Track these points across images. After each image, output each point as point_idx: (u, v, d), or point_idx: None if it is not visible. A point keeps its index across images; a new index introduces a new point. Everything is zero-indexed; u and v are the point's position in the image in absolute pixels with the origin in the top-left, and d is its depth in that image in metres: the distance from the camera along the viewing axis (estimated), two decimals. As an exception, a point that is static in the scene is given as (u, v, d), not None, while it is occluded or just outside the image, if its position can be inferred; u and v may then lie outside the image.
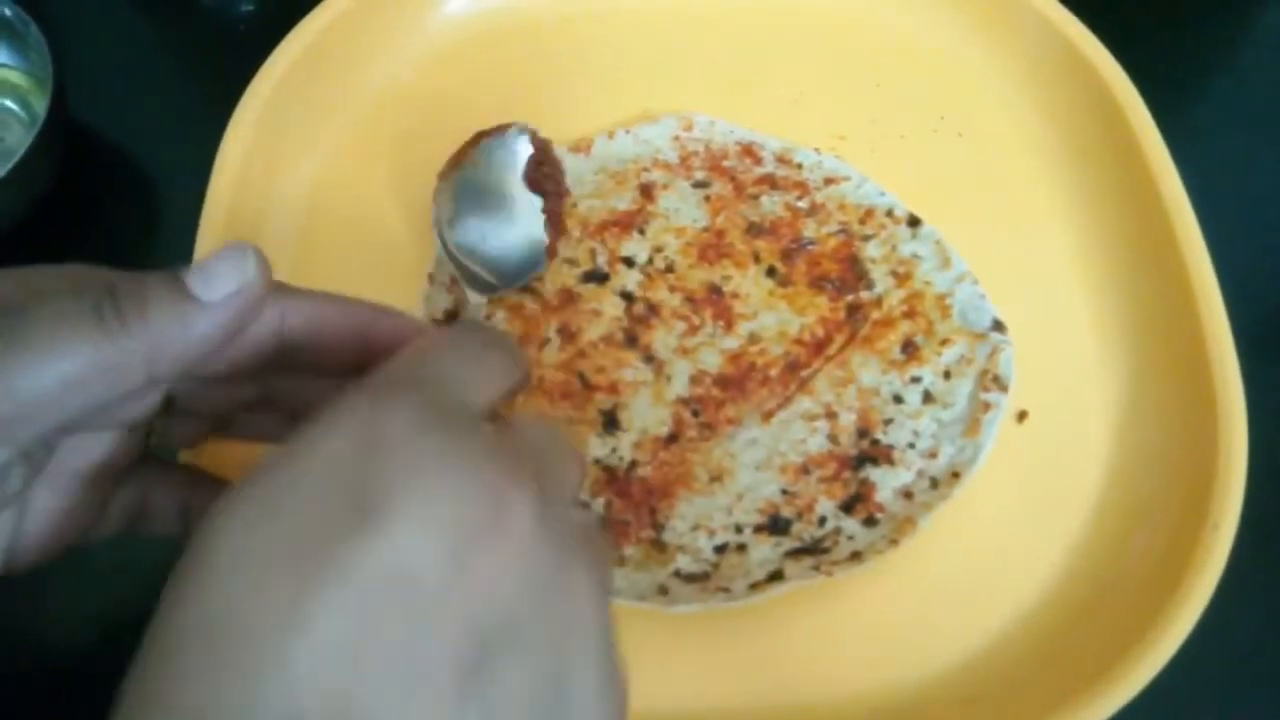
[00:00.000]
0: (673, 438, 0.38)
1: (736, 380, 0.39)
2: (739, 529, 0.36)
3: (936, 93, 0.45)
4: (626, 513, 0.37)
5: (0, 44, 0.45)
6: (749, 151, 0.43)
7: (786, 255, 0.41)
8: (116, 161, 0.47)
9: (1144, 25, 0.50)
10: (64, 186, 0.45)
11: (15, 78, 0.46)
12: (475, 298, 0.39)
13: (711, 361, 0.39)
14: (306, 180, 0.43)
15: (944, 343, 0.40)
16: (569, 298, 0.40)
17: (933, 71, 0.46)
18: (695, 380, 0.39)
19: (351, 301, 0.30)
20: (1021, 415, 0.39)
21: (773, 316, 0.40)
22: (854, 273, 0.41)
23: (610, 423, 0.38)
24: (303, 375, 0.29)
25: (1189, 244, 0.39)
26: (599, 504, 0.37)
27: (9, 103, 0.46)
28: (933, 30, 0.46)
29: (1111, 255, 0.42)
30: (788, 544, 0.36)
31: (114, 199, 0.46)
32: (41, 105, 0.42)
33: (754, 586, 0.35)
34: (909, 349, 0.40)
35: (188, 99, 0.49)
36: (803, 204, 0.42)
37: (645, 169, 0.43)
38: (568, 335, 0.40)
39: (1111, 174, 0.42)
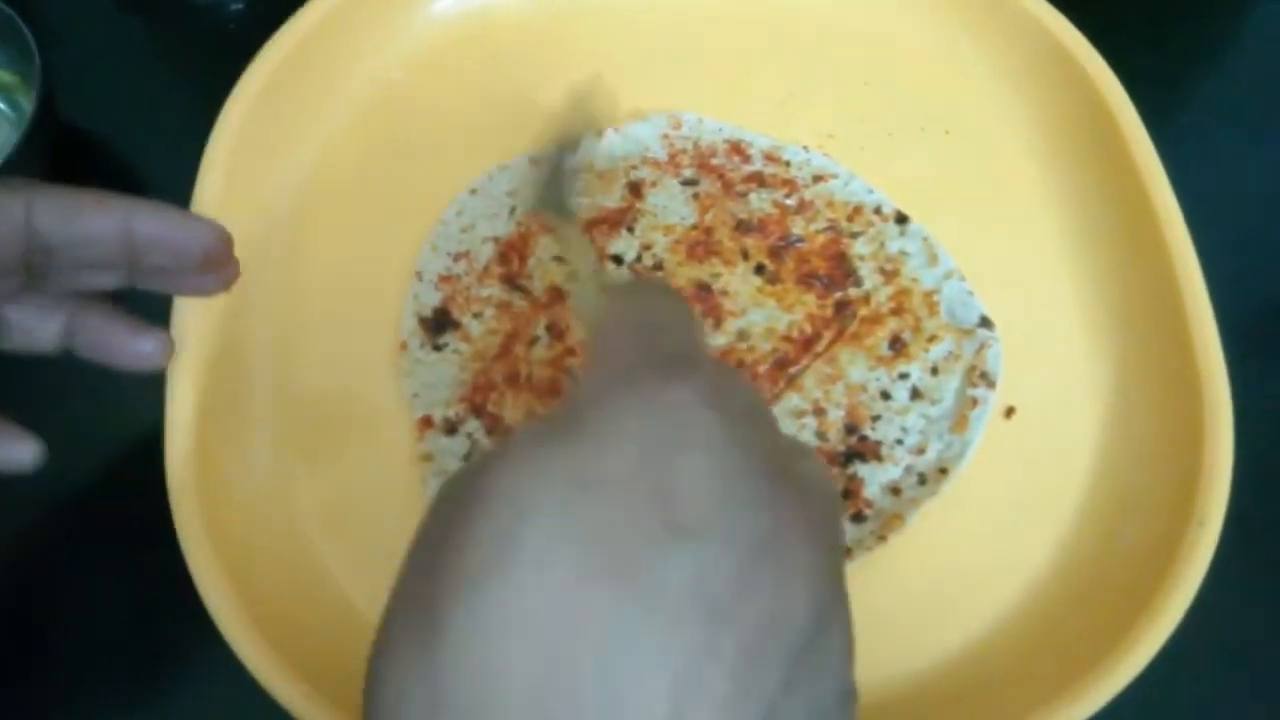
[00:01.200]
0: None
1: (725, 377, 0.39)
2: (727, 526, 0.36)
3: (924, 91, 0.45)
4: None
5: (-13, 42, 0.45)
6: (737, 149, 0.43)
7: (775, 253, 0.41)
8: (104, 160, 0.47)
9: (1132, 23, 0.50)
10: (52, 185, 0.44)
11: (2, 76, 0.46)
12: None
13: (700, 359, 0.39)
14: (295, 178, 0.42)
15: (931, 339, 0.40)
16: (558, 295, 0.40)
17: (921, 70, 0.46)
18: (684, 377, 0.39)
19: (110, 195, 0.30)
20: (1009, 411, 0.39)
21: (761, 314, 0.40)
22: (842, 270, 0.41)
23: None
24: (68, 269, 0.30)
25: (1176, 241, 0.39)
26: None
27: (-4, 101, 0.46)
28: (921, 29, 0.46)
29: (1099, 252, 0.42)
30: (776, 540, 0.36)
31: (102, 197, 0.46)
32: (28, 103, 0.42)
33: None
34: (897, 345, 0.40)
35: (176, 97, 0.48)
36: (791, 201, 0.42)
37: (634, 167, 0.43)
38: (556, 333, 0.40)
39: (1099, 171, 0.42)
